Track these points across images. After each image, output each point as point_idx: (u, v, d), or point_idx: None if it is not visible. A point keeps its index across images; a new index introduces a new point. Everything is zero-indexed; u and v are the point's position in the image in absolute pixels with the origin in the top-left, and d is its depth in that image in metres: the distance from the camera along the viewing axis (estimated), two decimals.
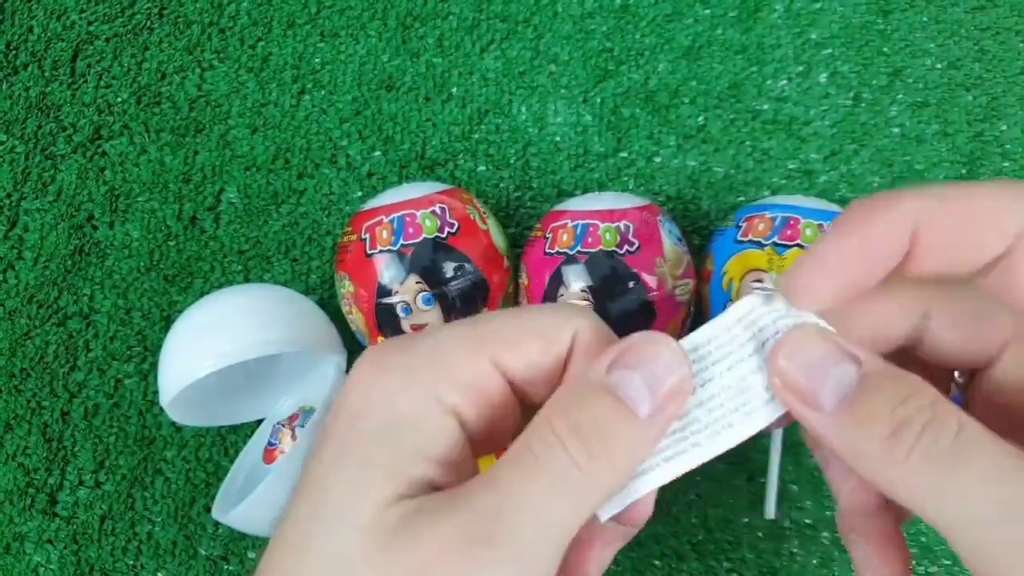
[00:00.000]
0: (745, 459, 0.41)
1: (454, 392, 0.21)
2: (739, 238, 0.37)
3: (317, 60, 0.46)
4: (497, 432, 0.22)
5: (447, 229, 0.37)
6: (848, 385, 0.20)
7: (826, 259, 0.21)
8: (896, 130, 0.44)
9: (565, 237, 0.37)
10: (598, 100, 0.45)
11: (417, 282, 0.36)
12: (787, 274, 0.22)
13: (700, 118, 0.44)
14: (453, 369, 0.21)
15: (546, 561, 0.19)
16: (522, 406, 0.23)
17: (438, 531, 0.19)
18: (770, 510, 0.40)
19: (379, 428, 0.20)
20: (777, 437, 0.39)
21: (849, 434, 0.19)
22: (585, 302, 0.36)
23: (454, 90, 0.45)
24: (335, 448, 0.20)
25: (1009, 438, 0.18)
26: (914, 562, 0.40)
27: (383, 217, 0.37)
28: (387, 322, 0.37)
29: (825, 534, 0.41)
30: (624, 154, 0.44)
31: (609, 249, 0.36)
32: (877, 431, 0.19)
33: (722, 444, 0.21)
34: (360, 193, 0.45)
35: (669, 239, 0.37)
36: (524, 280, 0.39)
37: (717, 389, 0.22)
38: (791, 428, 0.41)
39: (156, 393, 0.43)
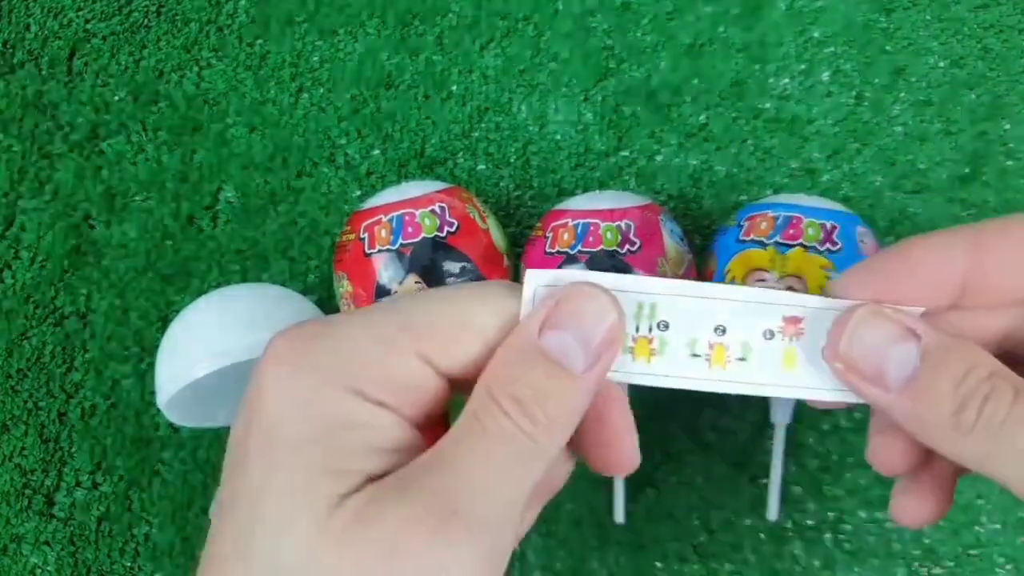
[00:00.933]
0: (747, 461, 0.41)
1: (378, 388, 0.20)
2: (741, 237, 0.37)
3: (315, 58, 0.46)
4: (431, 416, 0.22)
5: (446, 228, 0.37)
6: (912, 364, 0.20)
7: (876, 271, 0.22)
8: (899, 129, 0.43)
9: (566, 236, 0.37)
10: (599, 98, 0.44)
11: (416, 282, 0.36)
12: (841, 274, 0.22)
13: (702, 116, 0.44)
14: (376, 367, 0.20)
15: (507, 534, 0.20)
16: (458, 389, 0.22)
17: (397, 517, 0.18)
18: (772, 512, 0.40)
19: (304, 432, 0.19)
20: (779, 439, 0.39)
21: (917, 411, 0.20)
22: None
23: (454, 88, 0.45)
24: (259, 460, 0.19)
25: None
26: (917, 563, 0.40)
27: (382, 216, 0.37)
28: None
29: (828, 536, 0.40)
30: (625, 153, 0.44)
31: (610, 248, 0.36)
32: (944, 409, 0.20)
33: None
34: (359, 192, 0.44)
35: (671, 238, 0.37)
36: None
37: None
38: (792, 430, 0.41)
39: (153, 394, 0.43)
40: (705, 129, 0.44)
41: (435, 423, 0.22)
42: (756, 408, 0.41)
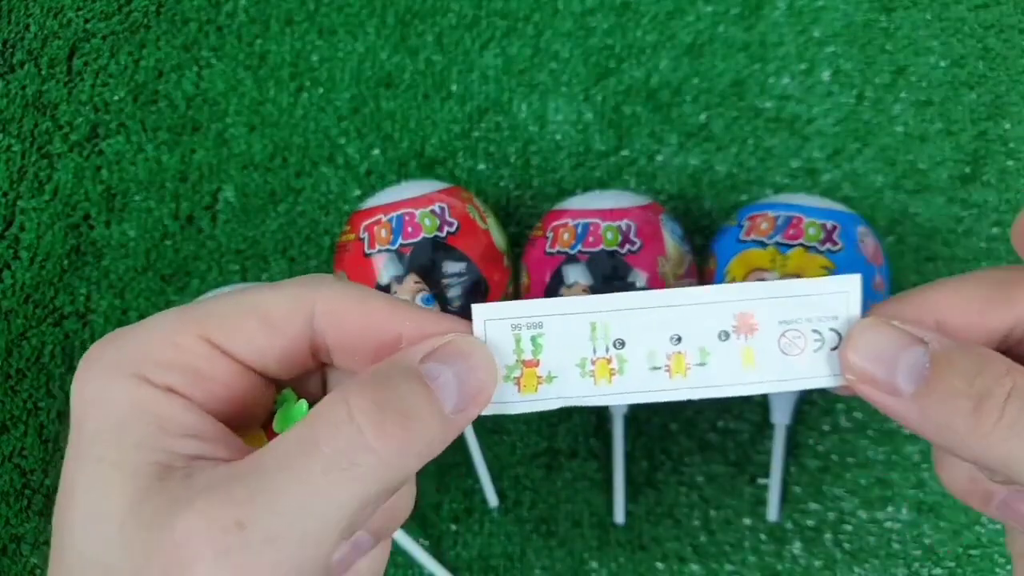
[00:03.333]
0: (747, 461, 0.41)
1: (162, 373, 0.20)
2: (741, 237, 0.36)
3: (315, 58, 0.46)
4: (239, 405, 0.21)
5: (446, 228, 0.36)
6: (922, 366, 0.20)
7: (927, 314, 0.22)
8: (899, 128, 0.43)
9: (566, 236, 0.37)
10: (599, 98, 0.44)
11: (416, 282, 0.36)
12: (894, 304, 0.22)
13: (702, 116, 0.44)
14: (157, 351, 0.20)
15: (312, 549, 0.18)
16: (273, 381, 0.22)
17: (190, 517, 0.18)
18: (772, 512, 0.40)
19: (100, 426, 0.20)
20: (779, 439, 0.39)
21: (933, 413, 0.20)
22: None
23: (453, 88, 0.45)
24: (72, 456, 0.20)
25: None
26: (917, 564, 0.40)
27: (382, 216, 0.37)
28: None
29: (828, 536, 0.40)
30: (625, 152, 0.44)
31: (610, 248, 0.36)
32: (961, 406, 0.19)
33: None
34: (358, 192, 0.44)
35: (671, 238, 0.37)
36: (524, 280, 0.38)
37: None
38: (792, 430, 0.41)
39: None
40: (705, 129, 0.44)
41: (251, 420, 0.22)
42: (756, 408, 0.41)
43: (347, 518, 0.19)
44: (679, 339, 0.23)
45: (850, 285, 0.22)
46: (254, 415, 0.22)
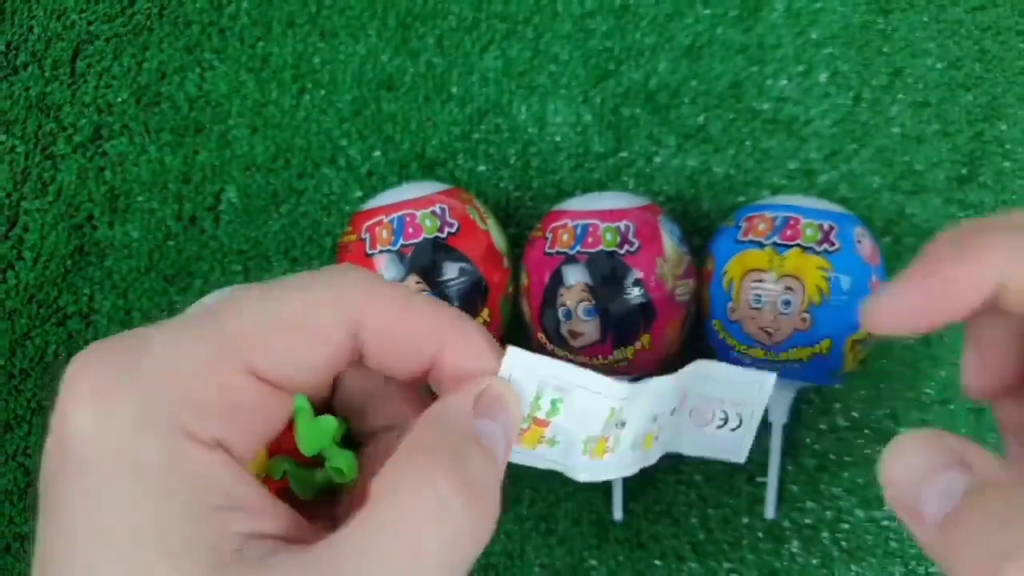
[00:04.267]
0: (745, 460, 0.41)
1: (209, 421, 0.17)
2: (739, 238, 0.37)
3: (317, 60, 0.46)
4: (266, 435, 0.20)
5: (447, 229, 0.37)
6: (953, 497, 0.18)
7: (907, 296, 0.21)
8: (896, 130, 0.44)
9: (565, 237, 0.37)
10: (598, 100, 0.45)
11: (417, 282, 0.36)
12: (869, 300, 0.22)
13: (700, 118, 0.44)
14: (199, 393, 0.17)
15: None
16: (286, 393, 0.20)
17: None
18: (770, 511, 0.40)
19: (130, 500, 0.16)
20: (777, 438, 0.39)
21: (949, 553, 0.18)
22: (584, 302, 0.36)
23: (454, 90, 0.45)
24: (83, 527, 0.16)
25: None
26: (914, 562, 0.40)
27: (383, 217, 0.37)
28: None
29: (825, 534, 0.41)
30: (624, 154, 0.44)
31: (609, 249, 0.36)
32: (978, 556, 0.17)
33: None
34: (360, 193, 0.45)
35: (670, 239, 0.37)
36: (524, 280, 0.39)
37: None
38: (790, 429, 0.41)
39: None
40: (704, 130, 0.44)
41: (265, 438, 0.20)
42: None
43: None
44: (655, 418, 0.25)
45: (765, 380, 0.24)
46: (273, 434, 0.20)
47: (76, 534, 0.16)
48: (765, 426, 0.40)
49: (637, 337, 0.36)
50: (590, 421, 0.23)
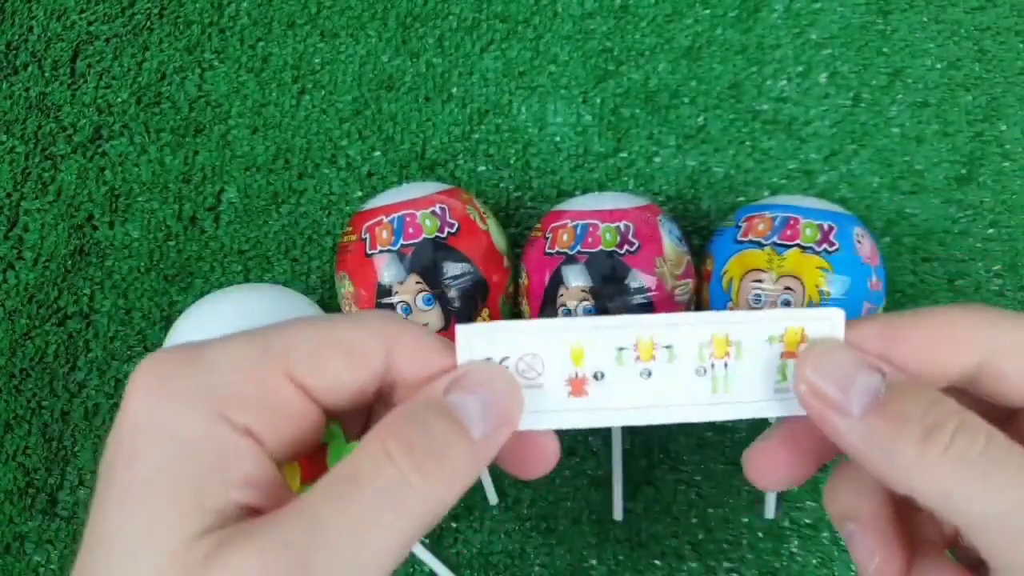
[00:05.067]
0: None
1: (244, 412, 0.19)
2: (739, 238, 0.37)
3: (317, 60, 0.46)
4: (298, 443, 0.21)
5: (447, 229, 0.37)
6: (876, 391, 0.21)
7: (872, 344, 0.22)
8: (896, 130, 0.44)
9: (565, 237, 0.37)
10: (598, 100, 0.45)
11: (417, 282, 0.36)
12: (855, 329, 0.23)
13: (700, 118, 0.44)
14: (241, 387, 0.20)
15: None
16: (326, 413, 0.22)
17: (249, 560, 0.17)
18: (770, 510, 0.40)
19: (161, 463, 0.19)
20: None
21: (880, 437, 0.20)
22: (585, 301, 0.36)
23: (454, 90, 0.45)
24: (117, 494, 0.19)
25: None
26: None
27: (383, 217, 0.37)
28: None
29: (825, 534, 0.41)
30: (624, 154, 0.44)
31: (609, 249, 0.36)
32: (911, 432, 0.20)
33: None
34: (360, 193, 0.45)
35: (669, 239, 0.37)
36: (524, 280, 0.39)
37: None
38: None
39: None
40: (703, 131, 0.44)
41: (308, 456, 0.22)
42: None
43: (398, 550, 0.19)
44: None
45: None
46: (300, 449, 0.22)
47: (111, 498, 0.19)
48: (765, 425, 0.40)
49: None
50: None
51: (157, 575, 0.18)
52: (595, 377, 0.23)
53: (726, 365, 0.23)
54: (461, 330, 0.22)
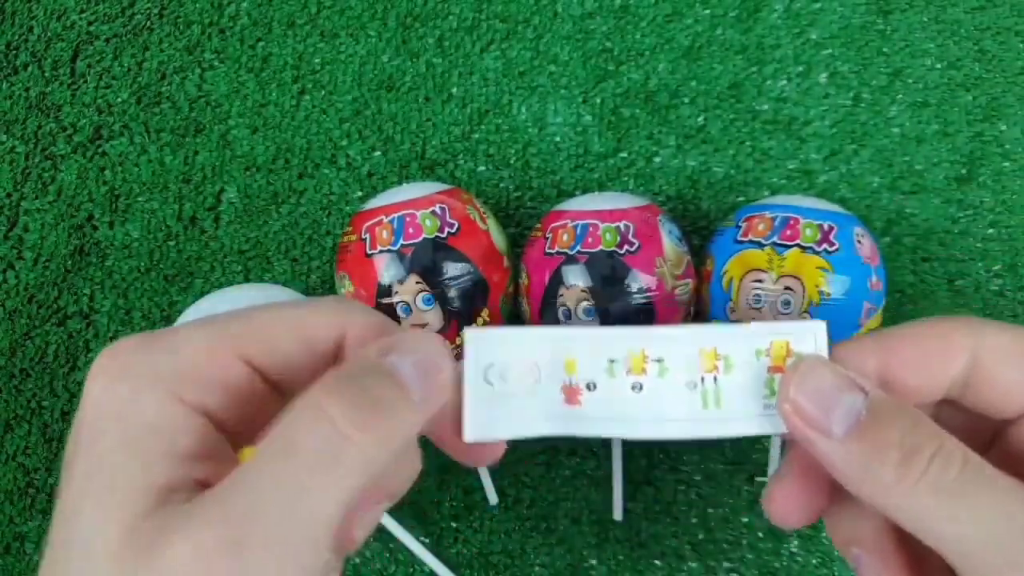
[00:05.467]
0: (745, 459, 0.41)
1: (197, 391, 0.20)
2: (739, 238, 0.37)
3: (317, 60, 0.46)
4: (255, 422, 0.21)
5: (447, 229, 0.37)
6: (858, 412, 0.21)
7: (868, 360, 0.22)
8: (896, 130, 0.44)
9: (565, 237, 0.37)
10: (598, 100, 0.45)
11: (417, 282, 0.36)
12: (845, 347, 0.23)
13: (700, 118, 0.44)
14: (194, 367, 0.20)
15: (310, 551, 0.19)
16: (281, 394, 0.22)
17: (187, 541, 0.18)
18: None
19: (117, 441, 0.19)
20: (776, 438, 0.39)
21: (859, 459, 0.20)
22: (584, 302, 0.36)
23: (454, 90, 0.45)
24: (79, 472, 0.19)
25: None
26: None
27: (383, 217, 0.37)
28: None
29: (824, 534, 0.41)
30: (624, 154, 0.44)
31: (609, 249, 0.36)
32: (890, 457, 0.20)
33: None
34: (360, 193, 0.45)
35: (669, 239, 0.37)
36: (524, 280, 0.39)
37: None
38: None
39: None
40: (703, 131, 0.44)
41: (256, 432, 0.22)
42: None
43: (338, 512, 0.19)
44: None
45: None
46: (260, 427, 0.22)
47: (73, 482, 0.19)
48: None
49: None
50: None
51: (107, 557, 0.18)
52: (588, 387, 0.23)
53: (715, 379, 0.23)
54: (469, 333, 0.22)
